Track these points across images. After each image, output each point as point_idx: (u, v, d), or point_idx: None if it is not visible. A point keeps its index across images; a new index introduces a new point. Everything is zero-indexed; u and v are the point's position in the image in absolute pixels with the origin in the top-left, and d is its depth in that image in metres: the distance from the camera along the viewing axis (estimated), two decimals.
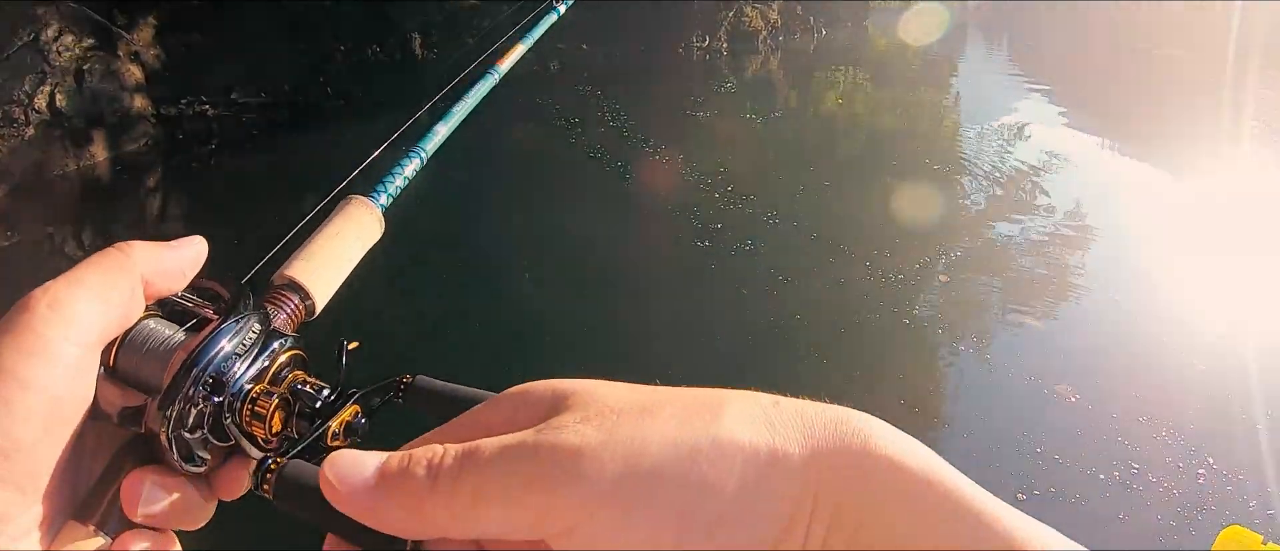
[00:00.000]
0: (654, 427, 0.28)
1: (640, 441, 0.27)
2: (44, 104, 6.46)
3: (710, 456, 0.27)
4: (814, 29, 18.81)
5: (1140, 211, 6.38)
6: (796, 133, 9.47)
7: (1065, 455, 3.03)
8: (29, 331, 0.30)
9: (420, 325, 4.06)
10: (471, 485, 0.27)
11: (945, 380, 3.71)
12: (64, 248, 5.34)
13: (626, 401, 0.29)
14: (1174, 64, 15.41)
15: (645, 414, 0.28)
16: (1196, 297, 4.51)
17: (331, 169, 0.67)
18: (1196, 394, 3.46)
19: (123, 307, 0.34)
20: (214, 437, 0.35)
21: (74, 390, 0.32)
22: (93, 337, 0.32)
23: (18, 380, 0.30)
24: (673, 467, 0.27)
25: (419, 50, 10.20)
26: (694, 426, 0.28)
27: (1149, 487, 2.89)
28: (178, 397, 0.33)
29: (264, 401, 0.36)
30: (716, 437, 0.27)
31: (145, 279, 0.35)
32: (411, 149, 0.70)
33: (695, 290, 4.58)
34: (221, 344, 0.35)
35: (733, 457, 0.27)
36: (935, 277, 4.73)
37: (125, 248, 0.35)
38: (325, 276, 0.49)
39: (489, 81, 0.93)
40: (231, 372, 0.35)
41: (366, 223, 0.57)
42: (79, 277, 0.33)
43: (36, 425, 0.30)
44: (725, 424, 0.28)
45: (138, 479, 0.33)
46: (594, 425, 0.28)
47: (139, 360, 0.35)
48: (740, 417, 0.28)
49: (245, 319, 0.37)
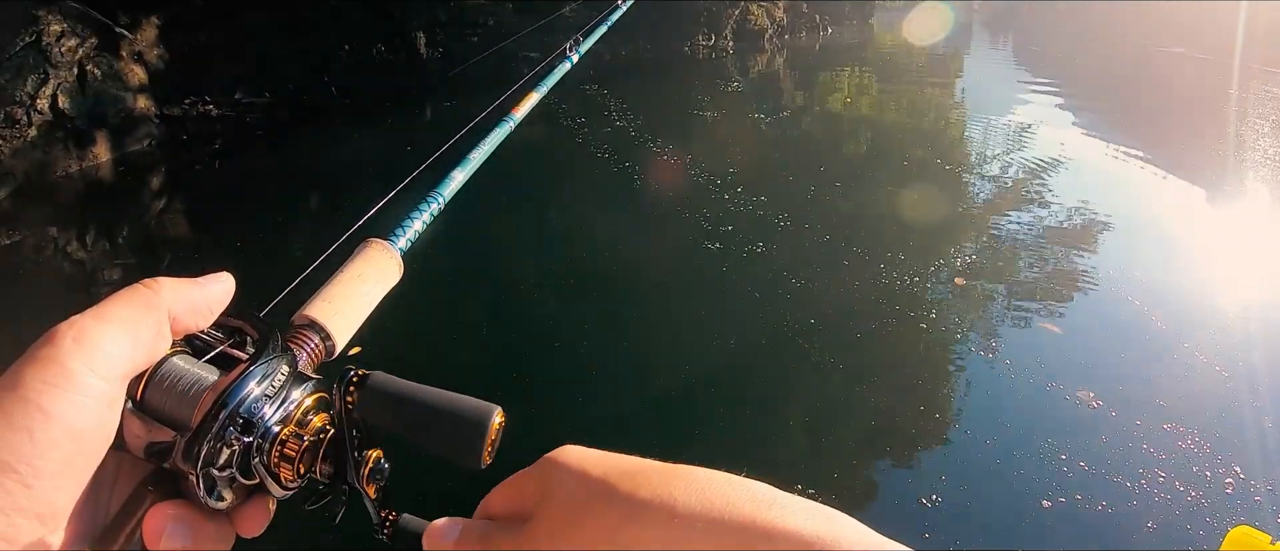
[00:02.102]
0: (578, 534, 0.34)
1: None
2: (46, 105, 6.41)
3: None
4: (820, 27, 18.74)
5: (1155, 211, 6.32)
6: (805, 132, 9.40)
7: (1091, 461, 3.00)
8: (54, 364, 0.31)
9: (425, 329, 4.00)
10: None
11: (964, 385, 3.64)
12: (67, 249, 5.29)
13: (577, 510, 0.35)
14: (1181, 61, 15.33)
15: (575, 524, 0.35)
16: (1215, 299, 4.47)
17: (336, 169, 0.64)
18: (1219, 397, 3.45)
19: (149, 343, 0.35)
20: (240, 476, 0.36)
21: (98, 423, 0.32)
22: (118, 372, 0.33)
23: (42, 411, 0.30)
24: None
25: (423, 49, 10.14)
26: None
27: (1173, 493, 2.85)
28: (208, 436, 0.34)
29: (293, 444, 0.37)
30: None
31: (172, 314, 0.36)
32: (430, 194, 0.72)
33: (708, 293, 4.52)
34: (251, 386, 0.36)
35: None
36: (950, 280, 4.66)
37: (153, 284, 0.36)
38: (345, 317, 0.50)
39: (504, 129, 0.99)
40: (261, 414, 0.36)
41: (386, 266, 0.58)
42: (106, 313, 0.33)
43: (59, 456, 0.30)
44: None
45: (162, 513, 0.33)
46: (540, 532, 0.35)
47: (168, 397, 0.35)
48: None
49: (274, 361, 0.37)
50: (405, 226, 0.65)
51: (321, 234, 0.67)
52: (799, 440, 3.22)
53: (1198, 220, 6.13)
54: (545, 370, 3.68)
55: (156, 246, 5.47)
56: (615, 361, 3.77)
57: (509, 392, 3.47)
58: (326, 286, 0.52)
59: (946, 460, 3.05)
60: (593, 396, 3.45)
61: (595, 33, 1.78)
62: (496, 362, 3.74)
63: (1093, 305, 4.41)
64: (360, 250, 0.57)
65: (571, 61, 1.52)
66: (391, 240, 0.61)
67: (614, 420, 3.23)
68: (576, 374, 3.65)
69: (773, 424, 3.32)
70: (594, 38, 1.75)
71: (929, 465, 3.03)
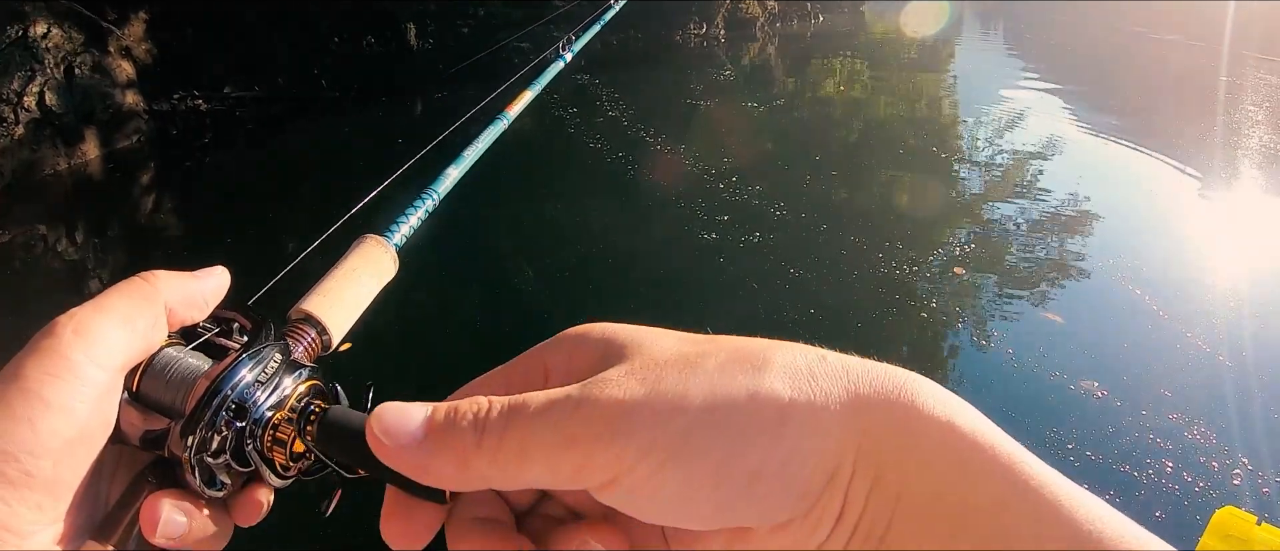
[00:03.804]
0: (695, 381, 0.28)
1: (680, 395, 0.28)
2: (33, 102, 6.33)
3: (748, 410, 0.27)
4: (811, 15, 18.68)
5: (1154, 198, 6.33)
6: (799, 120, 9.37)
7: (1098, 451, 3.00)
8: (55, 354, 0.31)
9: (419, 325, 3.98)
10: (517, 441, 0.28)
11: (965, 375, 3.65)
12: (57, 248, 5.24)
13: (672, 353, 0.30)
14: (1173, 47, 15.34)
15: (688, 366, 0.29)
16: (1216, 286, 4.46)
17: (328, 162, 0.63)
18: (1222, 386, 3.44)
19: (146, 334, 0.35)
20: (235, 463, 0.35)
21: (97, 413, 0.32)
22: (117, 362, 0.33)
23: (43, 401, 0.30)
24: (709, 420, 0.27)
25: (414, 41, 10.06)
26: (735, 380, 0.28)
27: (1182, 483, 2.85)
28: (201, 423, 0.34)
29: (286, 427, 0.36)
30: (756, 392, 0.28)
31: (169, 307, 0.36)
32: (425, 190, 0.74)
33: (705, 285, 4.50)
34: (243, 372, 0.36)
35: (770, 412, 0.27)
36: (949, 269, 4.65)
37: (150, 277, 0.36)
38: (341, 312, 0.50)
39: (498, 127, 1.01)
40: (253, 400, 0.36)
41: (381, 261, 0.58)
42: (105, 304, 0.34)
43: (59, 445, 0.31)
44: (766, 378, 0.28)
45: (158, 501, 0.33)
46: (638, 378, 0.28)
47: (162, 386, 0.35)
48: (782, 371, 0.29)
49: (266, 349, 0.37)
50: (400, 222, 0.66)
51: (313, 227, 0.67)
52: None
53: (1197, 207, 6.11)
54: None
55: (147, 243, 5.42)
56: None
57: None
58: (322, 281, 0.52)
59: None
60: None
61: (589, 31, 1.79)
62: (490, 354, 3.71)
63: (1093, 294, 4.41)
64: (356, 245, 0.58)
65: (565, 60, 1.54)
66: (387, 235, 0.61)
67: None
68: None
69: None
70: (587, 36, 1.77)
71: None
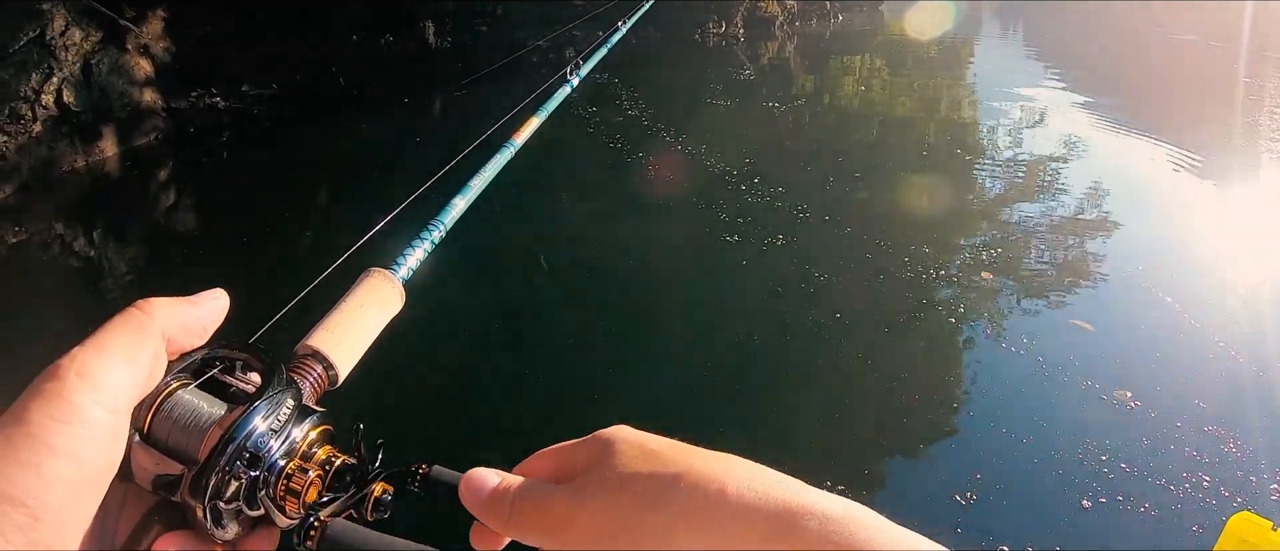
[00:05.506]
0: (609, 506, 0.35)
1: (591, 515, 0.35)
2: (51, 100, 6.32)
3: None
4: (830, 14, 18.54)
5: (1184, 203, 6.18)
6: (820, 120, 9.25)
7: (1132, 462, 2.91)
8: (59, 398, 0.31)
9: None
10: (518, 516, 0.37)
11: (996, 382, 3.53)
12: (74, 246, 5.21)
13: (623, 472, 0.36)
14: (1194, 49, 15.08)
15: (616, 489, 0.35)
16: (1249, 294, 4.35)
17: (344, 161, 0.56)
18: (1259, 398, 3.36)
19: (149, 367, 0.34)
20: (246, 508, 0.36)
21: (104, 455, 0.32)
22: (122, 403, 0.33)
23: (48, 446, 0.30)
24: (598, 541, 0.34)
25: (432, 39, 10.02)
26: (654, 516, 0.34)
27: (1219, 498, 2.76)
28: (215, 470, 0.34)
29: (299, 477, 0.37)
30: (669, 530, 0.33)
31: (167, 335, 0.36)
32: (431, 222, 0.73)
33: (728, 289, 4.40)
34: (256, 421, 0.36)
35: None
36: (977, 274, 4.53)
37: (146, 306, 0.36)
38: (348, 347, 0.50)
39: (505, 155, 1.00)
40: (267, 449, 0.36)
41: (388, 295, 0.57)
42: (106, 343, 0.33)
43: (65, 490, 0.30)
44: (659, 518, 0.34)
45: (168, 544, 0.34)
46: (571, 494, 0.36)
47: (174, 430, 0.35)
48: (681, 514, 0.34)
49: (279, 394, 0.37)
50: (407, 254, 0.66)
51: (328, 232, 0.60)
52: (828, 438, 3.12)
53: (1229, 214, 5.96)
54: (556, 372, 3.57)
55: (163, 241, 5.38)
56: (631, 365, 3.67)
57: (516, 399, 3.38)
58: (329, 316, 0.52)
59: (980, 458, 2.95)
60: (607, 401, 3.33)
61: (595, 56, 1.78)
62: (503, 370, 3.64)
63: (1123, 301, 4.28)
64: (362, 279, 0.58)
65: (572, 85, 1.52)
66: (393, 270, 0.61)
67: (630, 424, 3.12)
68: (591, 372, 3.55)
69: (799, 423, 3.23)
70: (594, 60, 1.75)
71: (962, 463, 2.94)
